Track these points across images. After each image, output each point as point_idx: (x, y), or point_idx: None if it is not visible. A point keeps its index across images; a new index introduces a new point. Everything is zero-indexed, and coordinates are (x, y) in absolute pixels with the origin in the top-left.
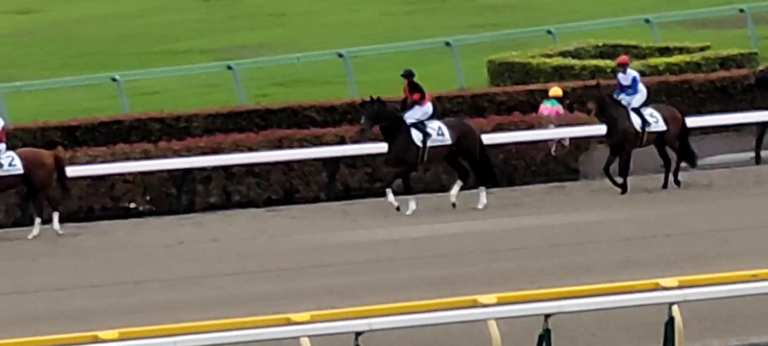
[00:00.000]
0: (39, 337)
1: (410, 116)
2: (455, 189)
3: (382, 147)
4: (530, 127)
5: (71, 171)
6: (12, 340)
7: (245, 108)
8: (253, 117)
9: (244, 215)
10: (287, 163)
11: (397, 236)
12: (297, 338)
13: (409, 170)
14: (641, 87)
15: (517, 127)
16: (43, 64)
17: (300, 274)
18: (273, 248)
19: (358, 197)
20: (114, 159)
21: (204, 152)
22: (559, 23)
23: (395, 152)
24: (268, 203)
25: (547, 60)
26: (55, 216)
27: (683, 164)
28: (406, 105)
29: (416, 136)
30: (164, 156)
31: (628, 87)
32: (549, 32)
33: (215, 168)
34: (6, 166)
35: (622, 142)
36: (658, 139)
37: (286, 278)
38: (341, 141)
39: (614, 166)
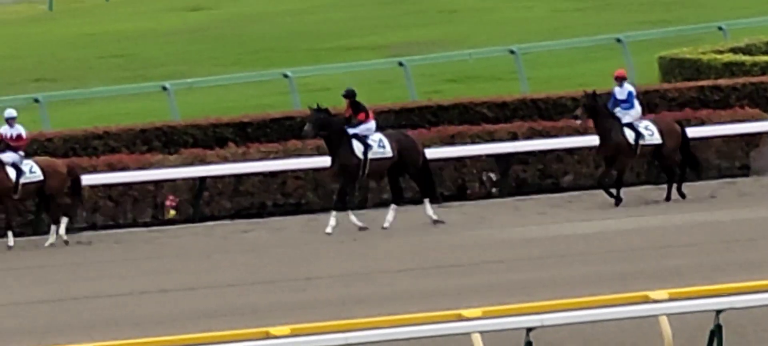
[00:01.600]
0: (212, 333)
1: (353, 130)
2: (391, 215)
3: (553, 144)
4: (701, 123)
5: (243, 167)
6: (185, 336)
7: (417, 104)
8: (424, 114)
9: (416, 211)
10: (459, 160)
11: (569, 232)
12: (468, 333)
13: (351, 183)
14: (637, 103)
15: (688, 124)
16: (216, 61)
17: (472, 270)
18: (445, 243)
19: (530, 193)
20: (286, 155)
21: None
22: (729, 19)
23: (338, 164)
24: (441, 199)
25: (718, 56)
26: (64, 222)
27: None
28: (350, 122)
29: (357, 148)
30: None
31: (624, 101)
32: (720, 28)
33: None
34: (27, 173)
35: (616, 154)
36: (655, 152)
37: (458, 273)
38: (513, 137)
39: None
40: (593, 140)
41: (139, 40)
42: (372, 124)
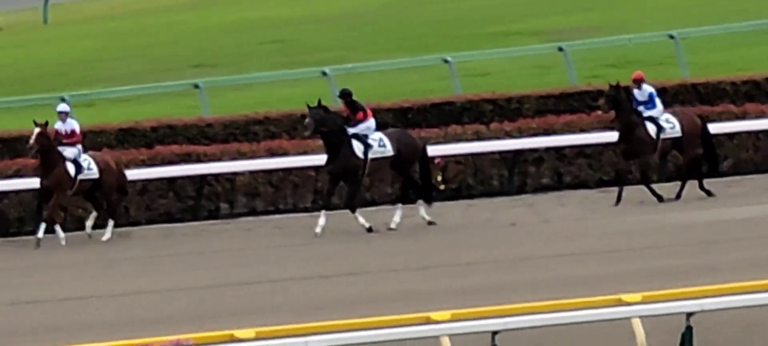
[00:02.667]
0: (372, 318)
1: (353, 130)
2: (398, 215)
3: (713, 129)
4: None
5: None
6: (345, 321)
7: (576, 89)
8: (584, 98)
9: (575, 196)
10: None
11: (729, 216)
12: (627, 319)
13: (352, 183)
14: (658, 103)
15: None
16: (375, 46)
17: (632, 255)
18: (605, 229)
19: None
20: (446, 140)
21: (535, 134)
22: None
23: (338, 165)
24: (600, 184)
25: None
26: (92, 216)
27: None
28: (349, 122)
29: (358, 147)
30: (496, 137)
31: (645, 102)
32: None
33: (547, 149)
34: (86, 170)
35: (637, 150)
36: (674, 145)
37: (618, 259)
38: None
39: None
40: (753, 125)
41: (299, 26)
42: (371, 122)
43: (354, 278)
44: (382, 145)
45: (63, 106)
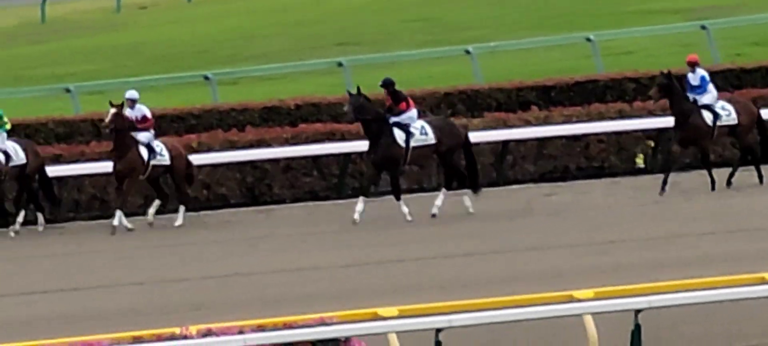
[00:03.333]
0: (514, 296)
1: (395, 119)
2: (440, 199)
3: None
4: None
5: (546, 131)
6: (483, 300)
7: (720, 67)
8: (727, 76)
9: (719, 175)
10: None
11: None
12: None
13: (393, 172)
14: (711, 87)
15: None
16: (518, 25)
17: None
18: (750, 207)
19: None
20: (589, 119)
21: None
22: None
23: (380, 153)
24: (744, 162)
25: None
26: (155, 204)
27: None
28: (391, 112)
29: (399, 136)
30: (639, 116)
31: (697, 87)
32: None
33: None
34: (158, 155)
35: (694, 137)
36: (731, 132)
37: (762, 237)
38: None
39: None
40: None
41: (443, 4)
42: (414, 112)
43: (498, 256)
44: (423, 133)
45: (131, 93)
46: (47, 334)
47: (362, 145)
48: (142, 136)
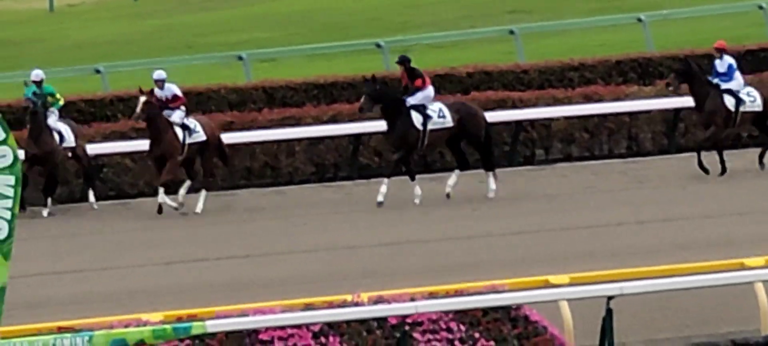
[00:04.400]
0: (686, 264)
1: (411, 99)
2: (453, 179)
3: None
4: None
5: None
6: (665, 266)
7: None
8: None
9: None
10: None
11: None
12: None
13: (409, 154)
14: (738, 75)
15: None
16: None
17: None
18: None
19: None
20: (759, 88)
21: None
22: None
23: (396, 135)
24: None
25: None
26: (185, 185)
27: None
28: (407, 91)
29: (416, 119)
30: None
31: (724, 74)
32: None
33: None
34: (193, 133)
35: (711, 120)
36: (756, 119)
37: None
38: None
39: None
40: None
41: None
42: (430, 90)
43: (669, 224)
44: (441, 116)
45: (158, 74)
46: (218, 300)
47: (534, 113)
48: (176, 116)
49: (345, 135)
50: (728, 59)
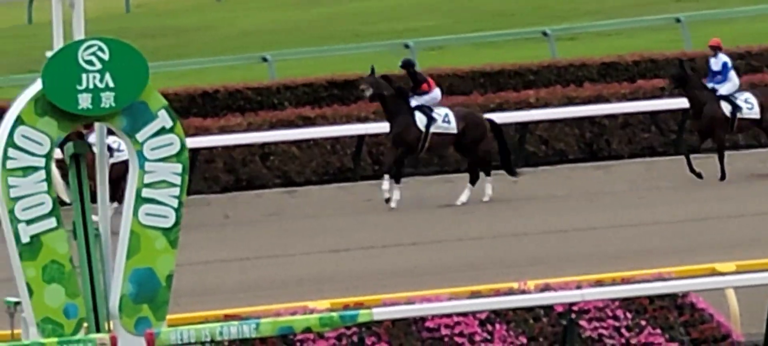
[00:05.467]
0: None
1: (417, 100)
2: (488, 188)
3: None
4: None
5: None
6: None
7: None
8: None
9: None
10: None
11: None
12: None
13: (407, 154)
14: (732, 75)
15: None
16: None
17: None
18: None
19: None
20: None
21: None
22: None
23: (395, 133)
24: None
25: None
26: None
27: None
28: (415, 92)
29: (420, 119)
30: None
31: (718, 73)
32: None
33: None
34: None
35: (711, 127)
36: (754, 125)
37: None
38: None
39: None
40: None
41: None
42: (436, 92)
43: None
44: (446, 120)
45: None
46: (384, 288)
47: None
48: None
49: (511, 123)
50: (723, 57)
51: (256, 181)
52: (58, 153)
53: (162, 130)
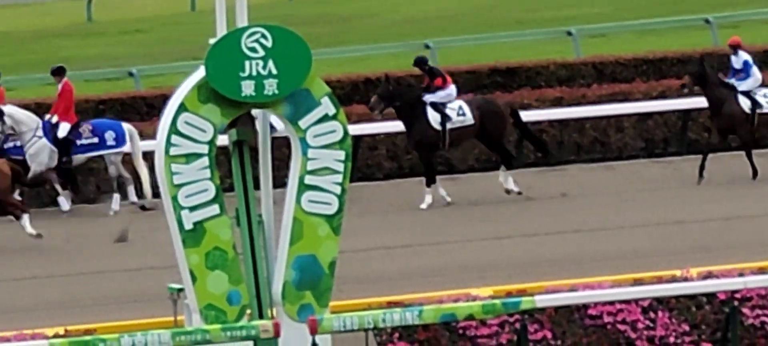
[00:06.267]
0: None
1: (430, 98)
2: (507, 179)
3: None
4: None
5: None
6: None
7: None
8: None
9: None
10: None
11: None
12: None
13: (430, 156)
14: (755, 71)
15: None
16: None
17: None
18: None
19: None
20: None
21: None
22: None
23: (414, 137)
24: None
25: None
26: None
27: None
28: (428, 89)
29: (434, 118)
30: None
31: (740, 71)
32: None
33: None
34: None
35: (731, 125)
36: None
37: None
38: None
39: None
40: None
41: None
42: (452, 89)
43: None
44: (461, 113)
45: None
46: (547, 275)
47: None
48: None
49: (674, 110)
50: (744, 55)
51: (418, 168)
52: (126, 148)
53: (325, 118)
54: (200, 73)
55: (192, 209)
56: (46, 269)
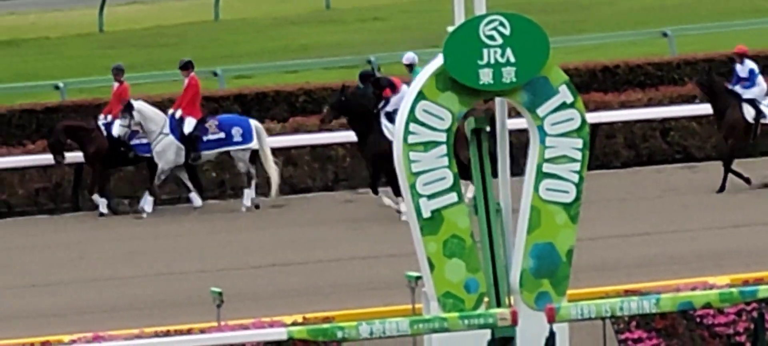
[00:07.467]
0: None
1: (385, 108)
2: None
3: None
4: None
5: None
6: None
7: None
8: None
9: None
10: None
11: None
12: None
13: (387, 167)
14: (760, 80)
15: None
16: None
17: None
18: None
19: None
20: None
21: None
22: None
23: (369, 150)
24: None
25: None
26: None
27: None
28: (388, 101)
29: (388, 128)
30: None
31: (745, 79)
32: None
33: None
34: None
35: (729, 133)
36: None
37: None
38: None
39: None
40: None
41: None
42: (403, 89)
43: None
44: None
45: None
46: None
47: None
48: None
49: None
50: (749, 64)
51: (657, 156)
52: (253, 144)
53: (563, 106)
54: (438, 61)
55: (430, 196)
56: (285, 257)
